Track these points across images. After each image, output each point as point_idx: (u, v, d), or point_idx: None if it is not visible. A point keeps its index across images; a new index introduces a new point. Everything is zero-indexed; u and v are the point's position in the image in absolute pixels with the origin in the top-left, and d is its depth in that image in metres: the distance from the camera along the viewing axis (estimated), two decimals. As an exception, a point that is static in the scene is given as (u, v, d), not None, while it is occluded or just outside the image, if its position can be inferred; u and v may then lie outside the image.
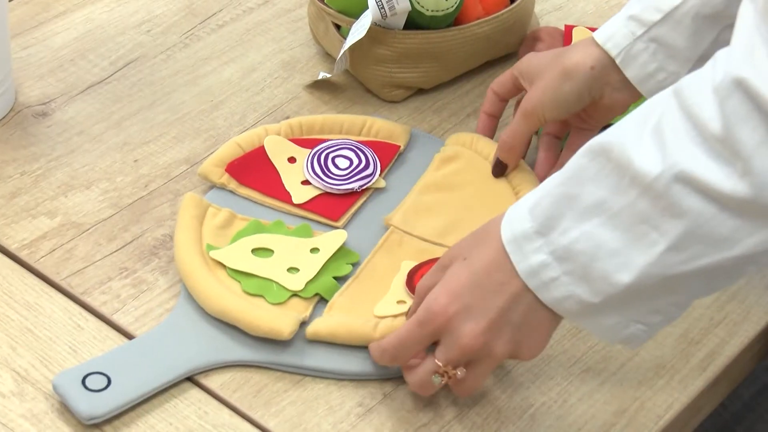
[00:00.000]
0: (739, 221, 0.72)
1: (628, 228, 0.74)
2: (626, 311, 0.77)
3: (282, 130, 1.02)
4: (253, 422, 0.84)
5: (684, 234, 0.73)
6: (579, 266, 0.76)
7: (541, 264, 0.77)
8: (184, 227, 0.93)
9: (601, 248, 0.75)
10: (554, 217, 0.77)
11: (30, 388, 0.85)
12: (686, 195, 0.72)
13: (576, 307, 0.77)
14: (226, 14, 1.17)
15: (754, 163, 0.70)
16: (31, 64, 1.11)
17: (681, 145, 0.72)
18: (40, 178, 1.00)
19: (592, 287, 0.76)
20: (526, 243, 0.77)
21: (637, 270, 0.74)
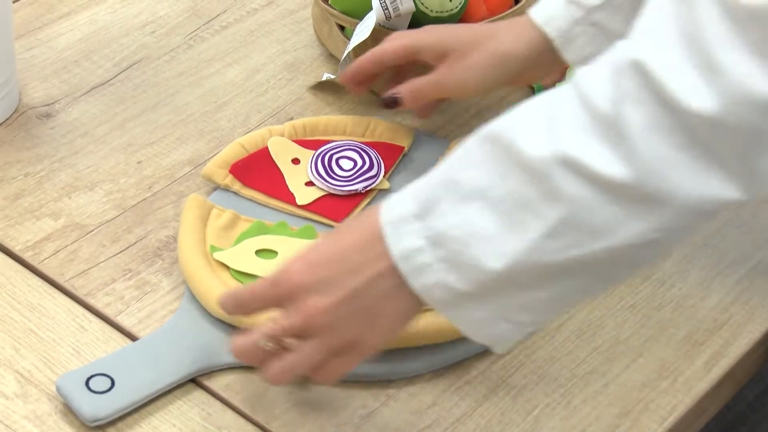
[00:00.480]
0: (617, 209, 0.69)
1: (506, 213, 0.71)
2: (495, 305, 0.74)
3: (286, 132, 1.02)
4: (256, 424, 0.84)
5: (561, 220, 0.70)
6: (452, 252, 0.73)
7: (416, 248, 0.74)
8: (187, 228, 0.93)
9: (476, 234, 0.72)
10: (433, 200, 0.74)
11: (33, 389, 0.85)
12: (567, 179, 0.69)
13: (445, 296, 0.74)
14: (229, 15, 1.17)
15: (638, 146, 0.68)
16: (35, 66, 1.11)
17: (569, 128, 0.70)
18: (44, 179, 1.00)
19: (463, 274, 0.73)
20: (403, 225, 0.74)
21: (509, 257, 0.71)
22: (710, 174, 0.68)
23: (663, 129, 0.67)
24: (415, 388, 0.86)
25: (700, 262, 0.95)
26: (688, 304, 0.92)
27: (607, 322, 0.91)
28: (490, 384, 0.87)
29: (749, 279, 0.94)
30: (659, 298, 0.93)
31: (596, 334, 0.90)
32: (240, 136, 1.04)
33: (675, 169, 0.68)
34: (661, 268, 0.95)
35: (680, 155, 0.68)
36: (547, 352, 0.89)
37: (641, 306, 0.92)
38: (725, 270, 0.95)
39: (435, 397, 0.86)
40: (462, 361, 0.88)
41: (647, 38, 0.69)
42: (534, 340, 0.90)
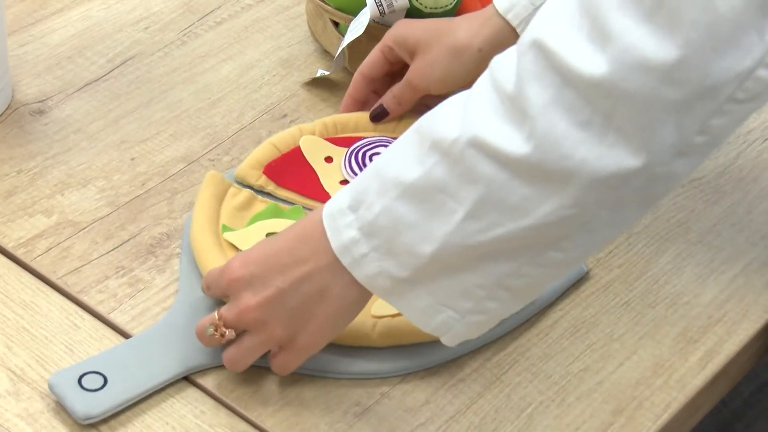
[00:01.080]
0: (528, 189, 0.71)
1: (424, 199, 0.73)
2: (436, 291, 0.76)
3: (317, 130, 1.01)
4: (249, 422, 0.84)
5: (479, 201, 0.72)
6: (384, 241, 0.75)
7: (352, 240, 0.76)
8: (202, 206, 0.93)
9: (400, 221, 0.74)
10: (362, 191, 0.76)
11: (26, 387, 0.84)
12: (479, 160, 0.71)
13: (388, 284, 0.76)
14: (224, 11, 1.17)
15: (538, 124, 0.69)
16: (28, 62, 1.10)
17: (479, 109, 0.72)
18: (37, 176, 1.00)
19: (399, 261, 0.75)
20: (340, 218, 0.77)
21: (438, 240, 0.73)
22: (612, 146, 0.69)
23: (563, 105, 0.69)
24: (409, 385, 0.86)
25: (695, 259, 0.95)
26: (682, 301, 0.92)
27: (602, 320, 0.91)
28: (484, 381, 0.86)
29: (744, 276, 0.94)
30: (653, 295, 0.93)
31: (590, 332, 0.90)
32: (234, 133, 1.04)
33: (576, 145, 0.69)
34: (656, 264, 0.95)
35: (581, 131, 0.69)
36: (541, 349, 0.89)
37: (635, 303, 0.92)
38: (720, 267, 0.95)
39: (429, 395, 0.85)
40: (456, 359, 0.88)
41: (548, 17, 0.71)
42: (528, 337, 0.89)
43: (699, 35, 0.66)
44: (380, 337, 0.86)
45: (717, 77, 0.67)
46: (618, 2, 0.67)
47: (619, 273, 0.94)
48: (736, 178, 1.02)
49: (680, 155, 0.70)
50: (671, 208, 0.99)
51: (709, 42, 0.66)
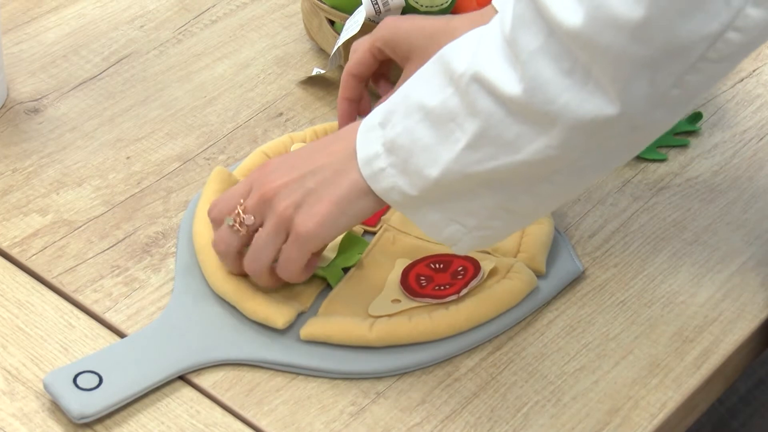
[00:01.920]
0: (521, 126, 0.76)
1: (439, 125, 0.79)
2: (443, 208, 0.81)
3: (307, 137, 1.01)
4: (245, 421, 0.83)
5: (478, 133, 0.77)
6: (400, 159, 0.80)
7: (375, 154, 0.81)
8: (206, 200, 0.93)
9: (416, 143, 0.79)
10: (391, 111, 0.81)
11: (21, 387, 0.84)
12: (480, 95, 0.76)
13: (400, 199, 0.81)
14: (219, 10, 1.17)
15: (528, 68, 0.74)
16: (23, 60, 1.10)
17: (485, 46, 0.77)
18: (32, 175, 1.00)
19: (410, 180, 0.80)
20: (371, 132, 0.82)
21: (443, 165, 0.79)
22: (591, 94, 0.73)
23: (550, 53, 0.74)
24: (405, 385, 0.86)
25: (691, 258, 0.95)
26: (678, 300, 0.92)
27: (597, 319, 0.91)
28: (480, 381, 0.86)
29: (739, 275, 0.94)
30: (649, 295, 0.93)
31: (586, 331, 0.90)
32: (230, 132, 1.04)
33: (560, 90, 0.74)
34: (652, 264, 0.95)
35: (565, 78, 0.74)
36: (536, 348, 0.89)
37: (631, 302, 0.92)
38: (715, 266, 0.95)
39: (424, 395, 0.85)
40: (451, 359, 0.88)
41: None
42: (524, 336, 0.89)
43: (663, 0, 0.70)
44: (376, 336, 0.86)
45: (684, 38, 0.71)
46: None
47: (614, 272, 0.94)
48: (732, 177, 1.02)
49: (657, 106, 0.74)
50: (667, 207, 0.99)
51: (673, 6, 0.70)
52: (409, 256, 0.92)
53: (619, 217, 0.98)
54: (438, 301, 0.88)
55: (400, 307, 0.88)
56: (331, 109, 1.07)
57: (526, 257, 0.92)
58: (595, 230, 0.97)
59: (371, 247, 0.94)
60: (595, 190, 1.01)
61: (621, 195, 1.00)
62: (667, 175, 1.02)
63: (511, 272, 0.90)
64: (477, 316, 0.88)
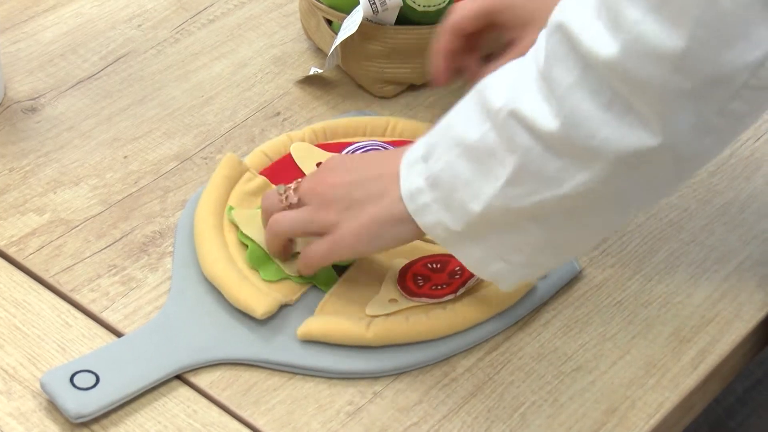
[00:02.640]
0: (561, 161, 0.75)
1: (479, 160, 0.78)
2: (488, 245, 0.81)
3: (306, 136, 1.01)
4: (242, 421, 0.83)
5: (518, 169, 0.76)
6: (443, 194, 0.80)
7: (418, 189, 0.81)
8: (212, 186, 0.94)
9: (458, 178, 0.79)
10: (434, 144, 0.81)
11: (17, 386, 0.84)
12: (517, 131, 0.76)
13: (444, 234, 0.82)
14: (216, 9, 1.17)
15: (565, 103, 0.73)
16: (21, 59, 1.10)
17: (522, 81, 0.76)
18: (29, 174, 1.00)
19: (454, 215, 0.80)
20: (414, 165, 0.82)
21: (485, 201, 0.78)
22: (632, 127, 0.72)
23: (587, 87, 0.73)
24: (402, 384, 0.86)
25: (688, 258, 0.95)
26: (675, 300, 0.92)
27: (594, 319, 0.91)
28: (477, 381, 0.86)
29: (737, 275, 0.94)
30: (646, 295, 0.93)
31: (583, 331, 0.90)
32: (227, 131, 1.04)
33: (599, 125, 0.73)
34: (649, 264, 0.95)
35: (604, 112, 0.72)
36: (533, 348, 0.89)
37: (628, 302, 0.92)
38: (713, 266, 0.95)
39: (421, 394, 0.85)
40: (448, 358, 0.88)
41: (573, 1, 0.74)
42: (521, 336, 0.89)
43: (704, 30, 0.68)
44: (374, 336, 0.86)
45: (727, 67, 0.70)
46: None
47: (612, 272, 0.94)
48: (729, 177, 1.02)
49: (702, 135, 0.73)
50: (664, 207, 0.99)
51: (715, 36, 0.69)
52: (406, 255, 0.92)
53: (616, 217, 0.98)
54: (435, 301, 0.88)
55: (398, 307, 0.88)
56: (328, 109, 1.07)
57: (523, 257, 0.92)
58: (592, 230, 0.97)
59: (368, 246, 0.94)
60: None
61: (618, 195, 1.00)
62: (664, 175, 1.02)
63: (508, 272, 0.90)
64: (474, 315, 0.88)
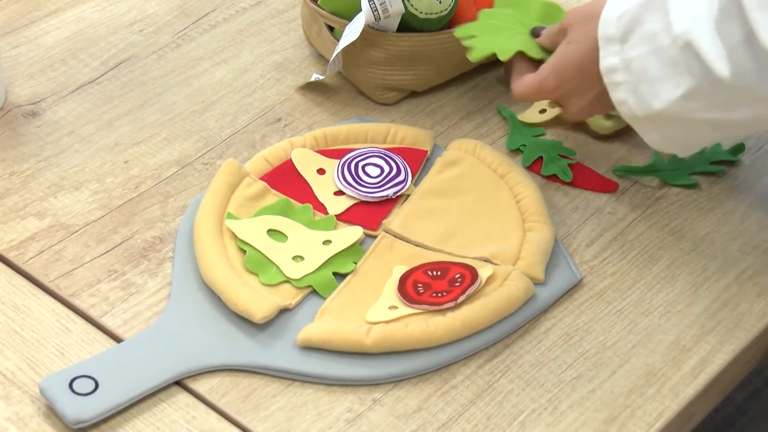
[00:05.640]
0: (731, 95, 0.86)
1: (665, 65, 0.88)
2: (663, 132, 0.92)
3: (307, 143, 1.01)
4: (241, 427, 0.83)
5: (693, 88, 0.87)
6: (633, 80, 0.91)
7: (614, 67, 0.91)
8: (212, 192, 0.94)
9: (647, 72, 0.90)
10: (629, 30, 0.90)
11: (16, 391, 0.84)
12: (693, 60, 0.86)
13: (628, 113, 0.92)
14: (218, 14, 1.17)
15: (733, 57, 0.84)
16: (22, 63, 1.10)
17: (699, 15, 0.85)
18: (30, 178, 1.00)
19: (638, 102, 0.91)
20: (609, 44, 0.91)
21: (664, 103, 0.89)
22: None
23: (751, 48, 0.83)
24: (401, 392, 0.86)
25: (688, 267, 0.95)
26: (675, 309, 0.92)
27: (595, 327, 0.91)
28: (476, 389, 0.86)
29: (737, 285, 0.94)
30: (647, 304, 0.92)
31: (583, 339, 0.90)
32: (228, 137, 1.04)
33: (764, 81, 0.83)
34: (649, 273, 0.95)
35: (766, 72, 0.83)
36: (534, 356, 0.88)
37: (628, 311, 0.92)
38: (713, 276, 0.95)
39: (421, 402, 0.85)
40: (448, 366, 0.87)
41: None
42: (521, 344, 0.89)
43: None
44: (373, 343, 0.86)
45: None
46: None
47: (612, 281, 0.94)
48: (730, 186, 1.02)
49: None
50: (665, 216, 0.99)
51: None
52: (407, 263, 0.92)
53: (616, 226, 0.98)
54: (435, 308, 0.88)
55: (397, 314, 0.88)
56: (330, 115, 1.07)
57: (525, 265, 0.92)
58: (593, 239, 0.97)
59: (369, 253, 0.94)
60: (593, 198, 1.01)
61: (619, 204, 1.00)
62: (664, 185, 1.02)
63: (508, 280, 0.90)
64: (474, 323, 0.88)
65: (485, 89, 1.10)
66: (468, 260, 0.92)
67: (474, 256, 0.93)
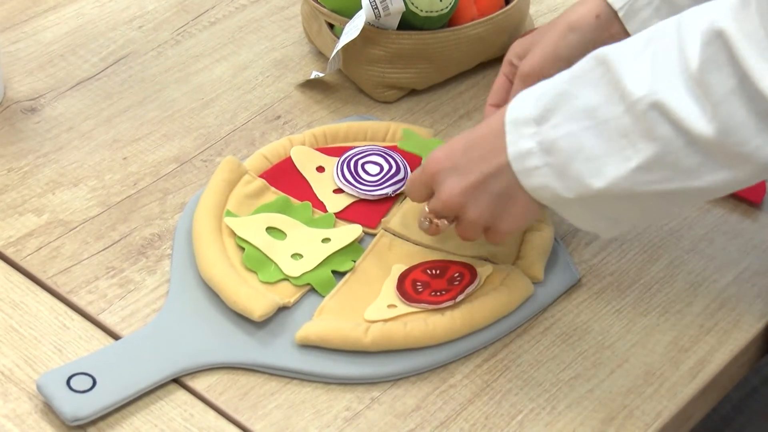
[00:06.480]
0: (703, 158, 0.77)
1: (610, 138, 0.78)
2: (595, 210, 0.82)
3: (306, 140, 1.01)
4: (239, 425, 0.83)
5: (654, 158, 0.77)
6: (559, 162, 0.80)
7: (528, 151, 0.81)
8: (211, 189, 0.94)
9: (582, 151, 0.79)
10: (551, 109, 0.80)
11: (14, 388, 0.84)
12: (660, 122, 0.76)
13: (550, 198, 0.82)
14: (218, 11, 1.17)
15: (720, 110, 0.75)
16: (21, 59, 1.10)
17: (667, 74, 0.76)
18: (28, 174, 1.00)
19: (567, 184, 0.81)
20: (522, 127, 0.81)
21: (609, 179, 0.79)
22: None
23: (745, 95, 0.74)
24: (400, 390, 0.86)
25: (687, 267, 0.95)
26: (674, 309, 0.92)
27: (593, 327, 0.91)
28: (475, 388, 0.86)
29: (736, 285, 0.94)
30: (645, 303, 0.92)
31: (582, 339, 0.90)
32: (227, 134, 1.04)
33: (755, 133, 0.75)
34: (648, 272, 0.95)
35: (759, 121, 0.74)
36: (532, 356, 0.88)
37: (627, 311, 0.92)
38: (712, 276, 0.95)
39: (419, 401, 0.85)
40: (446, 365, 0.87)
41: (733, 5, 0.75)
42: (519, 344, 0.89)
43: None
44: (372, 341, 0.86)
45: None
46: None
47: (611, 280, 0.94)
48: (729, 186, 1.02)
49: None
50: (664, 215, 0.99)
51: None
52: (406, 261, 0.92)
53: (616, 225, 0.98)
54: (434, 307, 0.88)
55: (396, 313, 0.88)
56: (329, 113, 1.07)
57: (525, 264, 0.92)
58: (592, 238, 0.97)
59: (368, 252, 0.94)
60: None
61: (618, 203, 1.00)
62: (664, 184, 1.02)
63: (507, 279, 0.90)
64: (473, 322, 0.88)
65: (485, 87, 1.10)
66: (467, 259, 0.92)
67: (473, 254, 0.93)
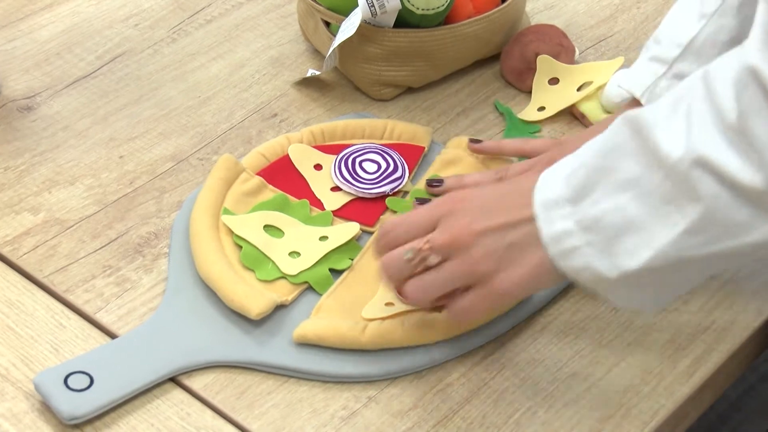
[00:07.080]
0: (753, 209, 0.73)
1: (655, 206, 0.75)
2: (639, 287, 0.77)
3: (304, 138, 1.01)
4: (235, 424, 0.83)
5: (702, 218, 0.74)
6: (603, 238, 0.76)
7: (565, 231, 0.77)
8: (208, 188, 0.94)
9: (630, 223, 0.76)
10: (588, 186, 0.77)
11: (10, 387, 0.84)
12: (704, 180, 0.73)
13: (591, 278, 0.77)
14: (214, 9, 1.16)
15: (767, 156, 0.71)
16: (17, 57, 1.10)
17: (704, 130, 0.73)
18: (24, 173, 0.99)
19: (612, 261, 0.76)
20: (554, 209, 0.77)
21: (656, 248, 0.75)
22: None
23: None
24: (397, 389, 0.86)
25: (684, 265, 0.95)
26: (671, 308, 0.92)
27: (590, 326, 0.91)
28: (472, 387, 0.86)
29: (733, 284, 0.94)
30: (642, 302, 0.92)
31: (579, 338, 0.90)
32: (223, 132, 1.03)
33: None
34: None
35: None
36: (529, 354, 0.88)
37: (624, 310, 0.92)
38: (709, 274, 0.95)
39: (416, 400, 0.85)
40: (444, 363, 0.87)
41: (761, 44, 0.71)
42: (516, 342, 0.89)
43: None
44: (369, 340, 0.86)
45: None
46: None
47: (608, 279, 0.94)
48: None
49: None
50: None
51: None
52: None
53: (612, 224, 0.98)
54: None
55: (394, 311, 0.88)
56: (326, 111, 1.06)
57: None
58: (588, 236, 0.97)
59: (365, 250, 0.93)
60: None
61: (615, 201, 1.00)
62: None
63: (504, 278, 0.90)
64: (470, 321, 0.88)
65: (482, 85, 1.10)
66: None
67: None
